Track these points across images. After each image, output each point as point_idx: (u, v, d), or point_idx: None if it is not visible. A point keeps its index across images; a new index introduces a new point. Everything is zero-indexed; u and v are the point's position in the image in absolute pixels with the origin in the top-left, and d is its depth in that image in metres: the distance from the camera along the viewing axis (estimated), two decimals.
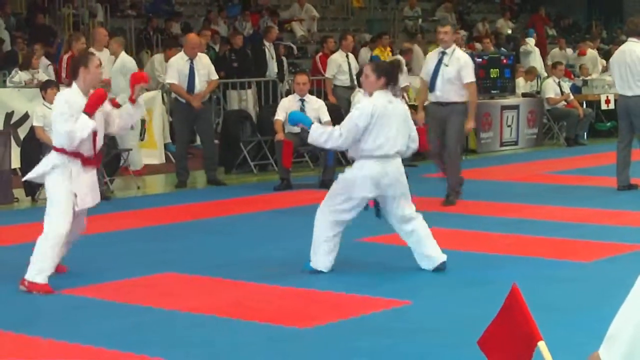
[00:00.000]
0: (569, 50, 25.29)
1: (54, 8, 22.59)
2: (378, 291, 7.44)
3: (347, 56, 17.22)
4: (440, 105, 11.69)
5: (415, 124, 8.63)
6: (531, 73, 20.28)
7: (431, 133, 11.94)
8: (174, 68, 13.85)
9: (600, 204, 11.64)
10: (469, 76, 11.72)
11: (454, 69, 11.61)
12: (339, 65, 17.02)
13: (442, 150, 11.81)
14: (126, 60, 14.60)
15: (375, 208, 8.12)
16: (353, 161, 8.13)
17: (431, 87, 11.77)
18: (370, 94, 8.03)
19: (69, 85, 8.09)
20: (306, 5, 24.98)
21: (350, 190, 7.95)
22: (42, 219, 7.78)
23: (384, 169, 7.90)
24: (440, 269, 8.04)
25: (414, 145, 8.24)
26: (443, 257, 8.08)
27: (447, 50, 11.69)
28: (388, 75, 8.00)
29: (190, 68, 13.73)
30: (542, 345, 3.36)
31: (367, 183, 7.89)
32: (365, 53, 17.54)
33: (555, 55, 22.72)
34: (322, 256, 8.05)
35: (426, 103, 12.19)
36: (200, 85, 13.76)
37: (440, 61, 11.69)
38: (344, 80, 16.96)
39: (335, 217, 8.00)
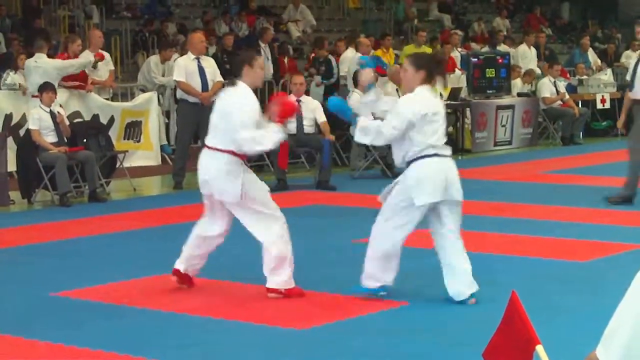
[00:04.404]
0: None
1: (49, 10, 22.59)
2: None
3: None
4: (636, 103, 11.76)
5: None
6: (529, 75, 20.31)
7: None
8: (181, 67, 13.78)
9: (596, 203, 11.64)
10: None
11: None
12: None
13: None
14: None
15: None
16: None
17: (630, 86, 11.93)
18: (411, 90, 7.16)
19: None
20: (301, 7, 24.97)
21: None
22: (37, 222, 7.79)
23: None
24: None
25: None
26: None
27: None
28: (429, 68, 7.16)
29: (199, 67, 13.71)
30: (539, 349, 3.36)
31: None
32: (351, 53, 17.41)
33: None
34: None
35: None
36: (210, 84, 13.74)
37: (639, 60, 11.75)
38: None
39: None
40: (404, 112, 6.99)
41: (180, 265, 7.71)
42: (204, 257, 7.74)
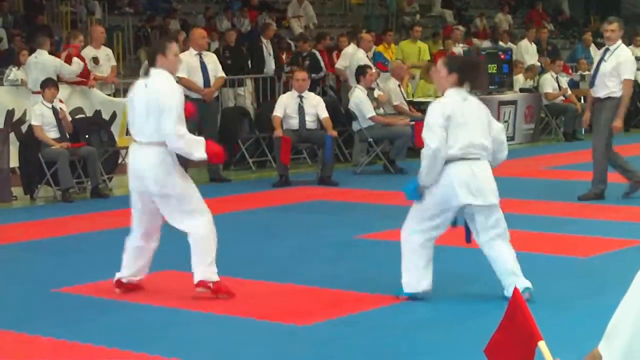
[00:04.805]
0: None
1: (51, 6, 22.59)
2: (376, 288, 7.44)
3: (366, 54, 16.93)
4: (597, 101, 11.74)
5: None
6: (531, 71, 20.28)
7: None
8: (183, 63, 13.74)
9: (598, 199, 11.63)
10: (626, 73, 11.45)
11: (610, 65, 11.48)
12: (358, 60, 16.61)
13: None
14: None
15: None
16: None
17: (591, 83, 11.92)
18: (443, 92, 7.22)
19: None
20: (304, 3, 24.94)
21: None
22: (40, 218, 7.80)
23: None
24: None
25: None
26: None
27: (610, 47, 11.60)
28: (461, 71, 7.19)
29: (201, 63, 13.68)
30: (542, 344, 3.36)
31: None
32: (352, 49, 17.32)
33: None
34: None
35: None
36: (212, 79, 13.72)
37: (602, 58, 11.67)
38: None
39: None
40: (434, 121, 6.95)
41: (123, 276, 7.59)
42: (146, 265, 7.63)
